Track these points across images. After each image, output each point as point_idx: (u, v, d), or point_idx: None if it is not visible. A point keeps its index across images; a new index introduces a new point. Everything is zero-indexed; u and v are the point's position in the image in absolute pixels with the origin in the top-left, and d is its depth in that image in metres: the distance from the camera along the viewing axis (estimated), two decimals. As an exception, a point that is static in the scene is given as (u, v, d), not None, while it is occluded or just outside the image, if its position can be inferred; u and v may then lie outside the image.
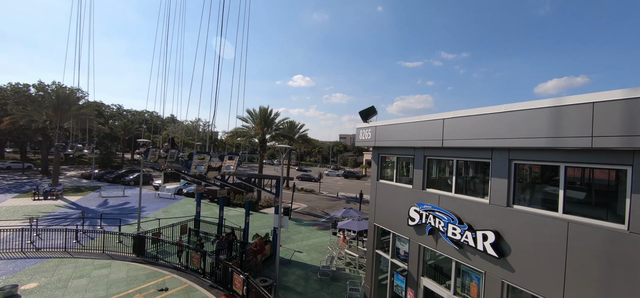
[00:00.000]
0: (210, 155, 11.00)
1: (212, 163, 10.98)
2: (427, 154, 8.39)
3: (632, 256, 4.44)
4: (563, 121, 5.03)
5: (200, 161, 10.63)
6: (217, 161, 11.18)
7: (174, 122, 60.64)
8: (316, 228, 21.68)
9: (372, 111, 10.70)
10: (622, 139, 4.34)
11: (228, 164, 11.59)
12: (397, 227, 9.28)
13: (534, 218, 5.72)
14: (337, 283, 12.81)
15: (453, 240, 7.21)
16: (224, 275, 11.91)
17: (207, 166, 10.83)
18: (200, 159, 10.62)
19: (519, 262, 5.91)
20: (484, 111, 6.39)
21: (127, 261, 13.90)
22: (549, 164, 5.67)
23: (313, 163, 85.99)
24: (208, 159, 10.81)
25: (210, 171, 11.05)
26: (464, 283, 7.29)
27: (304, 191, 38.26)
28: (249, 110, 28.03)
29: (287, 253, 16.08)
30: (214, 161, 11.04)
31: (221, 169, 11.43)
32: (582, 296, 4.95)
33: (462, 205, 7.18)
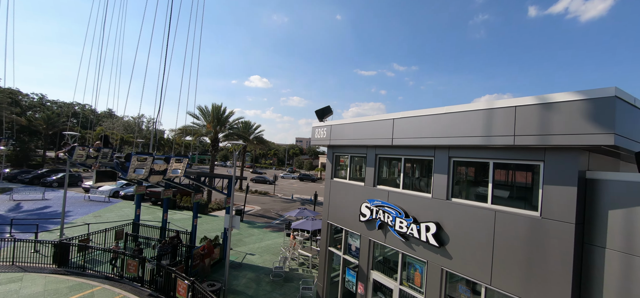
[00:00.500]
0: (153, 156, 9.55)
1: (155, 165, 9.56)
2: (378, 153, 8.79)
3: (543, 238, 5.18)
4: (493, 122, 5.68)
5: (140, 163, 9.19)
6: (161, 164, 9.78)
7: (111, 117, 54.30)
8: (269, 230, 21.21)
9: (328, 110, 10.87)
10: (536, 138, 5.06)
11: (175, 168, 10.18)
12: (349, 224, 9.52)
13: (468, 209, 6.34)
14: (290, 284, 12.65)
15: (400, 232, 7.63)
16: (166, 282, 10.92)
17: (149, 169, 9.39)
18: (140, 161, 9.19)
19: (456, 249, 6.49)
20: (428, 111, 6.92)
21: (45, 273, 11.94)
22: (480, 161, 6.35)
23: (268, 166, 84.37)
24: (150, 161, 9.38)
25: (152, 175, 9.61)
26: (409, 273, 7.75)
27: (258, 194, 37.27)
28: (200, 107, 26.37)
29: (239, 256, 15.43)
30: (157, 164, 9.63)
31: (166, 172, 10.00)
32: (506, 275, 5.61)
33: (408, 199, 7.66)
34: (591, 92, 4.54)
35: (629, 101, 4.59)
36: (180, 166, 10.26)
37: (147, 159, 9.31)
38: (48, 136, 46.11)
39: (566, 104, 4.77)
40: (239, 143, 12.08)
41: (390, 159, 8.66)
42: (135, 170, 9.12)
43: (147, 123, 57.71)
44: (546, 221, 5.18)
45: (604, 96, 4.40)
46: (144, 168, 9.31)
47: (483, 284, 5.99)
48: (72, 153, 12.27)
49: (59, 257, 12.53)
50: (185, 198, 25.39)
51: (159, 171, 9.65)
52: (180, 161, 10.27)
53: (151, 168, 9.42)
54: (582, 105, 4.59)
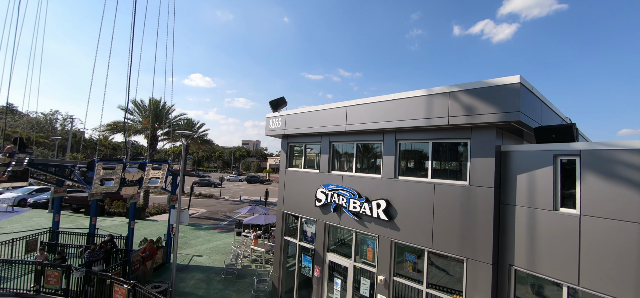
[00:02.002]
0: (124, 163, 7.99)
1: (127, 174, 7.99)
2: (332, 140, 9.26)
3: (471, 202, 6.20)
4: (432, 106, 6.58)
5: (108, 172, 7.55)
6: (135, 172, 8.23)
7: (12, 113, 45.10)
8: (217, 231, 20.20)
9: (282, 101, 11.01)
10: (465, 118, 6.05)
11: (153, 176, 8.70)
12: (305, 211, 9.78)
13: (412, 185, 7.18)
14: (243, 280, 12.34)
15: (354, 212, 8.19)
16: (99, 290, 9.66)
17: (119, 179, 7.81)
18: (107, 171, 7.54)
19: (403, 221, 7.26)
20: (378, 99, 7.63)
21: None
22: (421, 142, 7.25)
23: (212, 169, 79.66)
24: (120, 170, 7.81)
25: (125, 186, 8.01)
26: (361, 250, 8.35)
27: (203, 197, 35.03)
28: (135, 101, 23.67)
29: (184, 258, 14.41)
30: (130, 172, 8.09)
31: (142, 182, 8.46)
32: (444, 238, 6.52)
33: (361, 181, 8.27)
34: (503, 80, 5.65)
35: (529, 88, 5.84)
36: (158, 173, 8.72)
37: (116, 168, 7.74)
38: None
39: (486, 89, 5.83)
40: (186, 136, 11.29)
41: (344, 145, 9.20)
42: (103, 182, 7.51)
43: (63, 121, 49.46)
44: (473, 188, 6.21)
45: (511, 82, 5.53)
46: (113, 177, 7.69)
47: (425, 249, 6.84)
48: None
49: (-56, 277, 10.07)
50: (116, 203, 22.54)
51: (133, 180, 8.09)
52: (159, 168, 8.76)
53: (122, 178, 7.84)
54: (497, 89, 5.68)
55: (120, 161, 8.18)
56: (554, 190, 5.39)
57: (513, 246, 5.85)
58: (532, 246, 5.59)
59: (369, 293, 7.97)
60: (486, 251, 5.92)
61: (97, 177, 7.38)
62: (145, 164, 8.58)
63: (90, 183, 7.53)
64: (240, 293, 11.15)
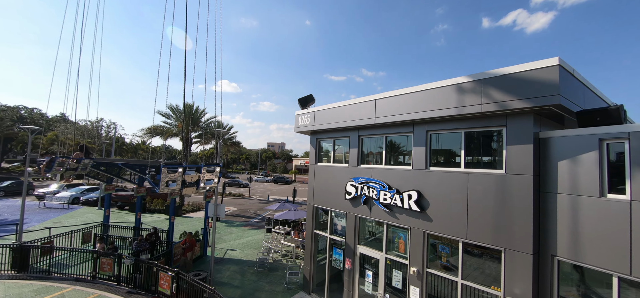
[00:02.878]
0: (185, 167, 9.21)
1: (187, 176, 9.15)
2: (361, 134, 9.40)
3: (508, 191, 6.05)
4: (464, 94, 6.52)
5: (171, 176, 8.82)
6: (193, 174, 9.35)
7: (65, 121, 49.86)
8: (248, 227, 21.00)
9: (310, 98, 11.32)
10: (499, 104, 5.94)
11: (208, 178, 9.67)
12: (334, 204, 9.99)
13: (445, 175, 7.12)
14: (276, 273, 12.78)
15: (384, 204, 8.25)
16: (147, 277, 10.54)
17: (180, 181, 8.98)
18: (170, 173, 8.80)
19: (435, 212, 7.22)
20: (407, 90, 7.66)
21: (3, 279, 10.90)
22: (453, 131, 7.18)
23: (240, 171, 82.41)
24: (182, 173, 9.01)
25: (185, 187, 9.14)
26: (393, 241, 8.39)
27: (233, 196, 36.47)
28: (171, 105, 25.39)
29: (219, 252, 15.17)
30: (189, 175, 9.22)
31: (199, 183, 9.51)
32: (479, 228, 6.41)
33: (391, 173, 8.32)
34: (540, 63, 5.49)
35: (569, 70, 5.62)
36: (213, 175, 9.69)
37: (177, 171, 8.96)
38: (-12, 143, 41.03)
39: (522, 73, 5.69)
40: (219, 134, 11.96)
41: (373, 139, 9.29)
42: (167, 183, 8.72)
43: (107, 128, 53.80)
44: (510, 177, 6.06)
45: (550, 65, 5.36)
46: (176, 180, 8.90)
47: (460, 239, 6.76)
48: (51, 166, 11.37)
49: (18, 262, 11.50)
50: (155, 201, 24.20)
51: (192, 182, 9.23)
52: (212, 171, 9.73)
53: (183, 180, 9.01)
54: (535, 74, 5.52)
55: (181, 165, 9.33)
56: (600, 175, 5.14)
57: (555, 235, 5.63)
58: (576, 235, 5.36)
59: (401, 286, 7.99)
60: (525, 241, 5.76)
61: (163, 179, 8.57)
62: (201, 168, 9.56)
63: (158, 185, 8.71)
64: (273, 285, 11.57)
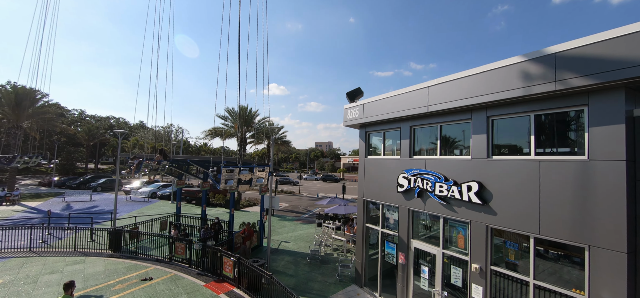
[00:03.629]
0: (240, 168, 10.72)
1: (242, 175, 10.63)
2: (412, 124, 9.06)
3: (593, 178, 5.25)
4: (531, 71, 5.84)
5: (229, 175, 10.35)
6: (247, 174, 10.80)
7: (143, 128, 57.67)
8: (300, 222, 21.75)
9: (359, 91, 11.27)
10: (579, 79, 5.18)
11: (259, 177, 11.15)
12: (386, 197, 9.80)
13: (511, 165, 6.47)
14: (327, 266, 13.03)
15: (440, 196, 7.83)
16: (213, 261, 11.67)
17: (236, 179, 10.48)
18: (229, 173, 10.37)
19: (500, 205, 6.61)
20: (464, 74, 7.15)
21: (103, 257, 13.11)
22: (520, 115, 6.48)
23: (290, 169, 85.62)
24: (237, 172, 10.52)
25: (240, 184, 10.67)
26: (451, 237, 7.91)
27: (284, 193, 38.10)
28: (228, 108, 27.73)
29: (274, 243, 16.02)
30: (243, 174, 10.70)
31: (252, 182, 10.94)
32: (555, 222, 5.70)
33: (447, 164, 7.86)
34: (629, 27, 4.65)
35: (676, 33, 4.64)
36: (263, 174, 11.10)
37: (234, 171, 10.44)
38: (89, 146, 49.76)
39: (608, 42, 4.88)
40: (272, 130, 12.68)
41: (425, 129, 8.88)
42: (226, 181, 10.23)
43: (175, 132, 60.72)
44: (594, 163, 5.25)
45: (649, 28, 4.50)
46: (233, 178, 10.38)
47: (531, 234, 6.08)
48: (139, 167, 14.05)
49: (113, 244, 13.71)
50: (217, 195, 26.57)
51: (246, 180, 10.62)
52: (263, 170, 11.22)
53: (239, 178, 10.42)
54: (627, 40, 4.69)
55: (237, 165, 10.88)
56: None
57: (659, 231, 4.72)
58: (690, 232, 4.41)
59: (461, 284, 7.50)
60: (617, 238, 4.94)
61: (223, 177, 10.03)
62: (253, 167, 11.00)
63: (219, 183, 10.19)
64: (325, 276, 11.83)
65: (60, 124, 31.69)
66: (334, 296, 10.19)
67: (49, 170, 36.09)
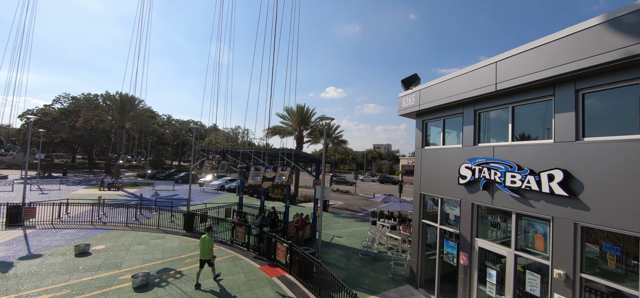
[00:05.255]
0: (265, 167, 12.06)
1: (267, 173, 11.94)
2: (477, 108, 8.02)
3: None
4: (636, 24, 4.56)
5: (256, 173, 11.81)
6: (271, 172, 12.13)
7: (216, 130, 64.60)
8: (354, 220, 21.40)
9: (415, 78, 10.52)
10: None
11: (281, 175, 12.42)
12: (445, 191, 8.89)
13: (611, 147, 5.17)
14: (380, 263, 12.46)
15: (512, 188, 6.72)
16: (268, 247, 12.23)
17: (262, 176, 11.85)
18: (256, 171, 11.79)
19: (594, 198, 5.33)
20: (543, 40, 6.01)
21: (178, 235, 14.93)
22: (622, 86, 5.12)
23: (347, 171, 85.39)
24: (263, 171, 11.85)
25: (265, 181, 12.02)
26: (526, 236, 6.72)
27: (340, 192, 38.11)
28: (287, 108, 29.03)
29: (327, 237, 16.05)
30: (268, 172, 12.01)
31: (275, 179, 12.25)
32: (679, 220, 4.32)
33: (520, 150, 6.71)
34: None
35: None
36: (285, 173, 12.42)
37: (260, 169, 11.89)
38: (174, 146, 58.00)
39: None
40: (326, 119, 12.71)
41: (493, 113, 7.77)
42: (253, 177, 11.74)
43: (242, 134, 66.40)
44: None
45: None
46: (259, 175, 11.86)
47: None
48: (201, 166, 16.01)
49: (187, 225, 15.51)
50: (275, 190, 28.00)
51: (269, 177, 12.01)
52: (285, 170, 12.46)
53: (264, 176, 11.85)
54: None
55: (263, 165, 12.33)
56: None
57: None
58: None
59: (539, 292, 6.29)
60: None
61: (251, 174, 11.55)
62: (277, 167, 12.34)
63: (247, 179, 11.84)
64: (377, 273, 11.31)
65: (152, 124, 37.79)
66: (386, 293, 9.64)
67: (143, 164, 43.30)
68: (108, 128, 37.24)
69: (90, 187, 30.15)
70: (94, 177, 40.17)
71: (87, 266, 10.42)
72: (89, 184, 32.28)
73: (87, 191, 27.16)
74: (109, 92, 38.85)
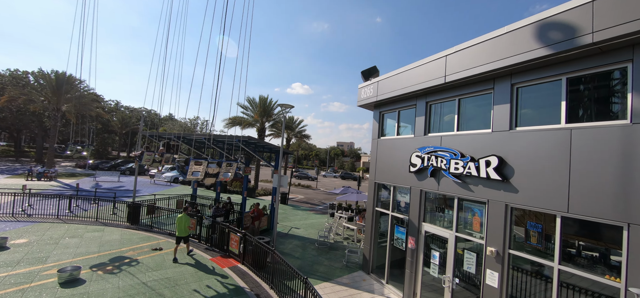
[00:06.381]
0: (208, 161, 10.54)
1: (209, 169, 10.48)
2: (428, 100, 8.45)
3: (635, 144, 4.48)
4: (567, 24, 5.12)
5: (196, 167, 10.23)
6: (214, 167, 10.69)
7: (172, 120, 60.45)
8: (313, 212, 21.48)
9: (374, 70, 10.79)
10: (621, 28, 4.43)
11: (226, 171, 11.05)
12: (398, 179, 9.25)
13: (536, 135, 5.75)
14: (335, 252, 12.64)
15: (455, 174, 7.19)
16: (221, 238, 11.70)
17: (204, 171, 10.34)
18: (196, 165, 10.24)
19: (522, 181, 5.90)
20: (486, 37, 6.50)
21: (120, 228, 13.63)
22: (550, 79, 5.74)
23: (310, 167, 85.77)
24: (205, 165, 10.32)
25: (207, 177, 10.60)
26: (466, 219, 7.24)
27: (302, 187, 38.08)
28: (249, 98, 28.06)
29: (284, 229, 15.87)
30: (211, 167, 10.56)
31: (219, 176, 10.89)
32: (587, 198, 4.94)
33: (464, 139, 7.21)
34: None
35: None
36: (231, 170, 11.07)
37: (202, 163, 10.29)
38: (122, 135, 52.95)
39: (663, -20, 4.12)
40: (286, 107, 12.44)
41: (442, 106, 8.25)
42: (192, 172, 10.17)
43: (201, 125, 63.02)
44: (638, 127, 4.47)
45: None
46: (200, 171, 10.27)
47: (558, 213, 5.34)
48: (141, 157, 13.78)
49: (131, 216, 14.23)
50: (235, 183, 27.03)
51: (213, 174, 10.64)
52: (231, 165, 11.14)
53: (206, 171, 10.36)
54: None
55: (205, 158, 10.69)
56: None
57: None
58: None
59: (474, 269, 6.83)
60: (665, 213, 4.14)
61: (190, 170, 10.02)
62: (221, 163, 10.91)
63: (185, 174, 10.12)
64: (332, 261, 11.45)
65: (95, 108, 33.96)
66: (339, 279, 9.78)
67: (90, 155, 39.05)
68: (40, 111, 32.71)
69: (15, 177, 26.24)
70: (21, 166, 35.08)
71: (1, 261, 9.00)
72: (14, 173, 28.09)
73: (10, 181, 23.58)
74: (42, 70, 34.02)
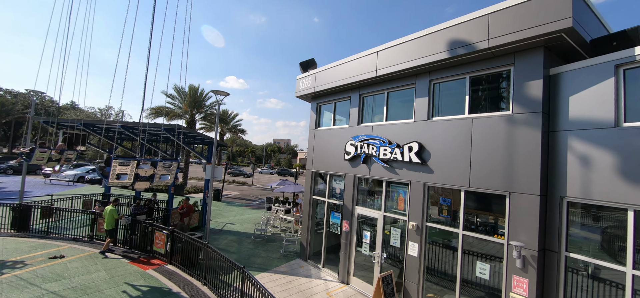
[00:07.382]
0: (138, 160, 8.00)
1: (140, 170, 7.93)
2: (362, 93, 9.10)
3: (515, 131, 5.69)
4: (469, 33, 6.16)
5: (122, 169, 7.71)
6: (148, 169, 8.16)
7: (74, 109, 50.69)
8: (249, 208, 20.85)
9: (312, 62, 11.05)
10: (507, 37, 5.57)
11: (164, 174, 8.72)
12: (334, 167, 9.70)
13: (447, 124, 6.78)
14: (273, 243, 12.55)
15: (384, 159, 7.93)
16: (143, 238, 10.44)
17: (133, 174, 7.80)
18: (122, 166, 7.72)
19: (437, 163, 6.88)
20: (411, 37, 7.34)
21: (2, 236, 10.94)
22: (458, 78, 6.82)
23: (246, 164, 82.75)
24: (134, 166, 7.80)
25: (138, 181, 7.96)
26: (392, 200, 8.06)
27: (237, 183, 36.49)
28: (176, 87, 25.32)
29: (218, 225, 15.04)
30: (143, 169, 8.01)
31: (154, 178, 8.41)
32: (482, 175, 6.06)
33: (391, 128, 8.00)
34: (552, -11, 5.11)
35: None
36: (169, 171, 8.82)
37: (130, 164, 7.81)
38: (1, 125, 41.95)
39: (531, 1, 5.32)
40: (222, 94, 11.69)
41: (374, 98, 8.97)
42: (117, 175, 7.68)
43: (116, 116, 54.47)
44: (517, 117, 5.69)
45: (564, -12, 4.97)
46: (128, 172, 7.79)
47: (462, 188, 6.40)
48: (30, 155, 10.35)
49: (18, 221, 11.55)
50: (159, 181, 24.32)
51: (146, 176, 8.13)
52: (170, 166, 8.89)
53: (136, 174, 7.86)
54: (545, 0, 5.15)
55: (135, 158, 8.30)
56: (615, 103, 4.75)
57: (565, 175, 5.24)
58: (588, 172, 4.97)
59: (399, 243, 7.68)
60: (532, 183, 5.38)
61: (113, 172, 7.61)
62: (157, 162, 8.50)
63: (107, 177, 7.81)
64: (269, 252, 11.35)
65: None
66: (277, 269, 9.78)
67: None
68: None
69: None
70: None
71: None
72: None
73: None
74: None
